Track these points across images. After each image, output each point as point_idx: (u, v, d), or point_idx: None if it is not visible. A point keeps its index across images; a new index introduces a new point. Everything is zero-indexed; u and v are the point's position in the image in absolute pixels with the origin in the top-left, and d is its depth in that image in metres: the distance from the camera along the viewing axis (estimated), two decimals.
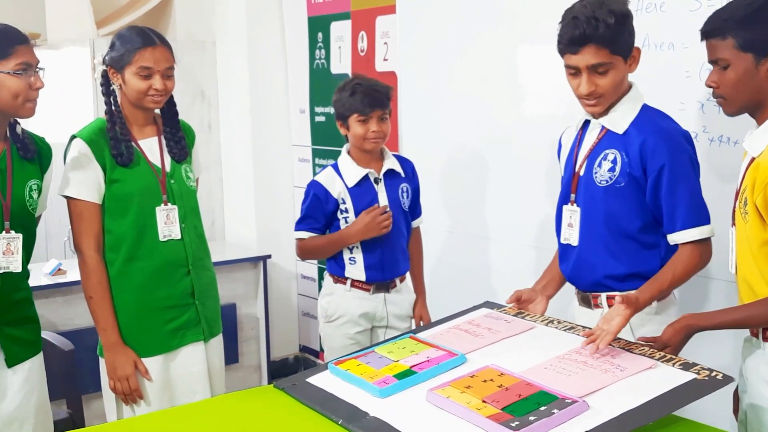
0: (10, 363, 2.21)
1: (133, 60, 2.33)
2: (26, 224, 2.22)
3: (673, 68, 2.54)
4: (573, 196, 2.18)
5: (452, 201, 3.52)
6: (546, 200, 3.02)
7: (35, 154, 2.26)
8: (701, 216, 2.03)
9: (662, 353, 1.82)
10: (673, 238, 2.05)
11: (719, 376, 1.68)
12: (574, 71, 2.06)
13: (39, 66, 2.15)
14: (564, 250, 2.23)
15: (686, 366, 1.74)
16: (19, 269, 2.20)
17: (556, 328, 2.05)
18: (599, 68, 2.01)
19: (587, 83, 2.03)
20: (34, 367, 2.28)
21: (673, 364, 1.76)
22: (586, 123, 2.20)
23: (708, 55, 1.92)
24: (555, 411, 1.57)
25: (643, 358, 1.80)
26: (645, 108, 2.11)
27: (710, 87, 1.93)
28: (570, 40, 2.02)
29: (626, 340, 1.93)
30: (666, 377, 1.70)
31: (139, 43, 2.33)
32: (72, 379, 2.77)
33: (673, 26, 2.54)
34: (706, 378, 1.68)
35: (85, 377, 2.84)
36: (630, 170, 2.06)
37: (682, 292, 2.42)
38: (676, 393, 1.64)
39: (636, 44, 2.10)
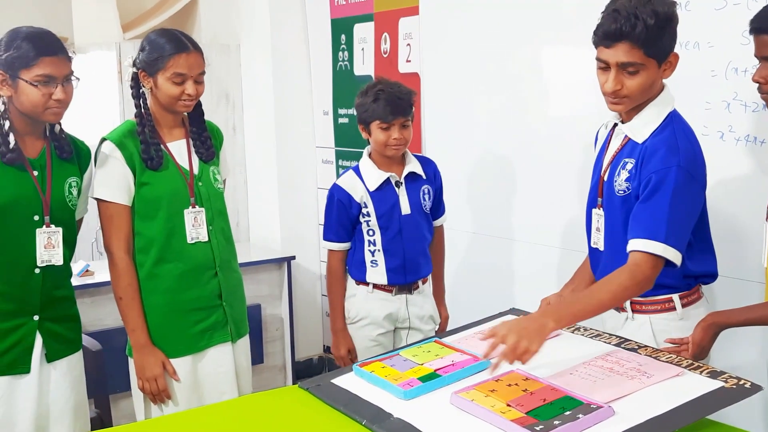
0: (51, 358, 2.26)
1: (167, 66, 2.34)
2: (66, 220, 2.27)
3: (698, 67, 2.52)
4: (600, 200, 2.14)
5: (476, 202, 3.52)
6: (571, 201, 3.01)
7: (71, 155, 2.31)
8: (658, 231, 1.90)
9: (689, 361, 1.81)
10: (628, 244, 1.95)
11: (747, 385, 1.66)
12: (604, 66, 1.97)
13: (72, 76, 2.18)
14: (593, 254, 2.20)
15: (714, 374, 1.73)
16: (60, 262, 2.25)
17: (582, 335, 2.04)
18: (629, 68, 1.92)
19: (614, 81, 1.95)
20: (73, 364, 2.34)
21: (701, 372, 1.75)
22: (616, 125, 2.13)
23: (756, 51, 1.89)
24: (580, 416, 1.57)
25: (670, 366, 1.79)
26: (671, 117, 2.01)
27: (758, 83, 1.89)
28: (605, 34, 1.93)
29: (653, 348, 1.92)
30: (693, 385, 1.69)
31: (174, 49, 2.34)
32: (100, 379, 2.80)
33: (699, 25, 2.53)
34: (734, 386, 1.66)
35: (113, 377, 2.87)
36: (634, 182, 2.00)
37: (711, 295, 2.40)
38: (703, 401, 1.62)
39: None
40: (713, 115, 2.50)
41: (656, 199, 1.92)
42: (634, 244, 1.93)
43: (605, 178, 2.11)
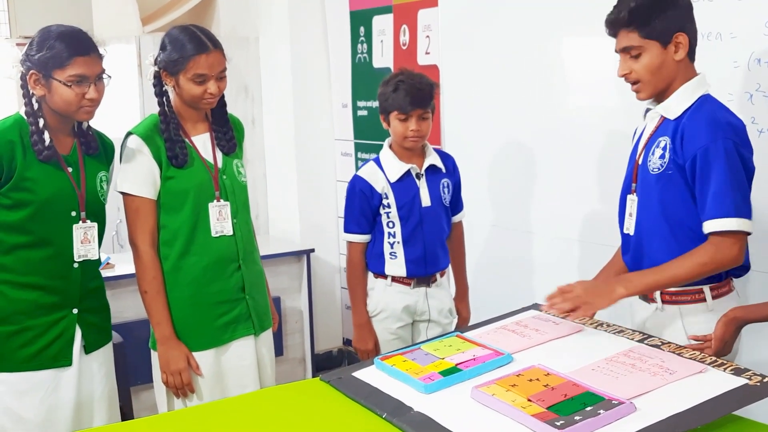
0: (89, 349, 2.30)
1: (187, 67, 2.34)
2: (98, 214, 2.31)
3: (721, 58, 2.50)
4: (634, 185, 2.15)
5: (496, 195, 3.51)
6: (591, 194, 3.00)
7: (98, 150, 2.34)
8: (728, 208, 1.93)
9: (713, 358, 1.80)
10: (703, 227, 1.99)
11: None
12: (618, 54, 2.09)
13: (104, 74, 2.20)
14: (625, 240, 2.20)
15: (738, 371, 1.72)
16: (96, 257, 2.30)
17: (605, 331, 2.03)
18: (631, 51, 2.02)
19: (621, 66, 2.06)
20: (107, 354, 2.39)
21: (724, 369, 1.74)
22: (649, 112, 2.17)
23: None
24: (601, 411, 1.56)
25: (694, 362, 1.78)
26: (705, 98, 2.05)
27: None
28: (606, 25, 2.07)
29: (676, 344, 1.91)
30: (716, 382, 1.68)
31: (194, 51, 2.33)
32: (121, 371, 2.81)
33: (721, 16, 2.50)
34: (758, 383, 1.65)
35: (134, 369, 2.90)
36: (674, 157, 2.02)
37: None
38: (726, 398, 1.61)
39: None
40: (736, 107, 2.47)
41: (713, 175, 1.95)
42: (709, 226, 1.96)
43: (639, 162, 2.13)
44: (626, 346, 1.90)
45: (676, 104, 2.05)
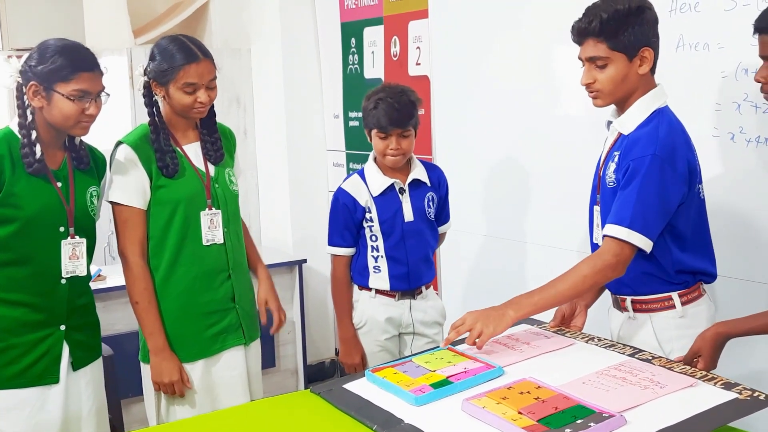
0: (76, 366, 2.28)
1: (177, 76, 2.34)
2: (88, 229, 2.29)
3: (708, 69, 2.51)
4: (598, 197, 2.18)
5: (487, 205, 3.51)
6: (584, 203, 2.99)
7: (89, 165, 2.32)
8: (622, 216, 1.96)
9: (703, 372, 1.80)
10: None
11: (762, 397, 1.65)
12: (582, 63, 2.09)
13: (104, 92, 2.19)
14: (594, 250, 2.21)
15: (728, 385, 1.72)
16: (84, 273, 2.27)
17: (596, 345, 2.04)
18: (597, 61, 2.03)
19: (585, 75, 2.07)
20: (95, 370, 2.36)
21: (715, 383, 1.74)
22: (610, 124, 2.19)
23: (760, 51, 1.90)
24: (591, 424, 1.56)
25: (684, 377, 1.78)
26: (658, 112, 2.05)
27: (759, 82, 1.91)
28: (573, 32, 2.08)
29: (667, 359, 1.92)
30: (706, 396, 1.68)
31: (183, 60, 2.34)
32: (112, 384, 2.80)
33: (708, 26, 2.52)
34: (748, 398, 1.66)
35: (124, 382, 2.88)
36: (617, 172, 2.05)
37: (725, 297, 2.39)
38: (716, 412, 1.61)
39: (670, 45, 2.07)
40: (723, 117, 2.49)
41: (630, 186, 1.98)
42: (604, 230, 2.01)
43: (600, 174, 2.16)
44: (617, 360, 1.90)
45: (629, 120, 2.07)
